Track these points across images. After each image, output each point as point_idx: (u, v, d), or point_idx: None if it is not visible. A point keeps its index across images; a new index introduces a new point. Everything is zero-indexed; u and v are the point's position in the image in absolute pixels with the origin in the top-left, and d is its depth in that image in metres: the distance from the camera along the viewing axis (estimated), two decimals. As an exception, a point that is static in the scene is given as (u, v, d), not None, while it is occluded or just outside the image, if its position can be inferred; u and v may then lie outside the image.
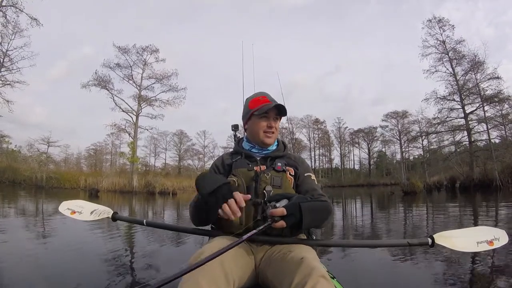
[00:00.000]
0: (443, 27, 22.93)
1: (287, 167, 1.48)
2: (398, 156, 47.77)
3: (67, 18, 69.49)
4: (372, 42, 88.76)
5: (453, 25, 22.85)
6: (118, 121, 26.21)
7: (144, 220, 1.62)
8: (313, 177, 1.53)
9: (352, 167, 55.60)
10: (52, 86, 60.57)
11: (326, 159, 54.99)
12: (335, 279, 1.33)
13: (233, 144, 1.85)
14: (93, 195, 15.89)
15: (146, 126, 26.97)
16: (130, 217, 1.99)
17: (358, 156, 54.24)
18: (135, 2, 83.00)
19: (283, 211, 1.11)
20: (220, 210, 1.14)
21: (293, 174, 1.49)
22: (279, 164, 1.47)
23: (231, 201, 1.14)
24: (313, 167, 51.39)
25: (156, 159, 47.19)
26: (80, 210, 1.79)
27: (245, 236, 1.03)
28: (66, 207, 1.81)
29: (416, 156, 42.74)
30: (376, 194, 20.85)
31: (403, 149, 42.97)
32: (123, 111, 25.74)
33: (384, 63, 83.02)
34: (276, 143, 1.60)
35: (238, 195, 1.15)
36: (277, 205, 1.16)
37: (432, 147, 30.92)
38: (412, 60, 75.00)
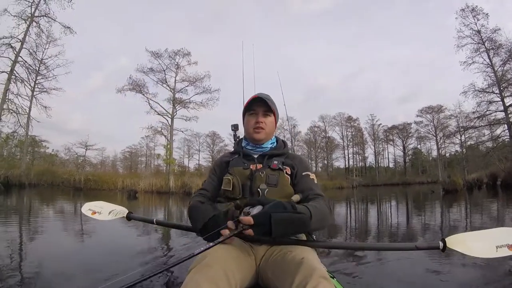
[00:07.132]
0: (477, 16, 21.80)
1: (284, 166, 1.49)
2: (434, 153, 46.17)
3: (101, 32, 73.20)
4: (398, 41, 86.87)
5: (487, 14, 21.64)
6: (154, 124, 26.92)
7: (154, 219, 1.80)
8: (312, 176, 1.51)
9: (387, 165, 53.71)
10: (90, 96, 63.61)
11: (360, 157, 53.31)
12: (335, 279, 1.33)
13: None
14: (131, 197, 16.25)
15: (181, 128, 27.40)
16: (142, 216, 2.14)
17: (392, 153, 52.43)
18: (163, 13, 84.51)
19: (250, 221, 1.09)
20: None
21: (290, 173, 1.49)
22: (275, 162, 1.48)
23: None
24: (346, 166, 49.99)
25: (190, 160, 48.28)
26: (100, 210, 1.98)
27: (221, 238, 1.10)
28: (87, 208, 2.01)
29: (453, 153, 40.73)
30: (413, 194, 19.91)
31: (439, 146, 41.30)
32: (158, 114, 26.36)
33: (411, 61, 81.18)
34: (274, 141, 1.63)
35: (225, 232, 1.15)
36: (250, 211, 1.15)
37: (469, 142, 29.42)
38: (439, 57, 74.10)
